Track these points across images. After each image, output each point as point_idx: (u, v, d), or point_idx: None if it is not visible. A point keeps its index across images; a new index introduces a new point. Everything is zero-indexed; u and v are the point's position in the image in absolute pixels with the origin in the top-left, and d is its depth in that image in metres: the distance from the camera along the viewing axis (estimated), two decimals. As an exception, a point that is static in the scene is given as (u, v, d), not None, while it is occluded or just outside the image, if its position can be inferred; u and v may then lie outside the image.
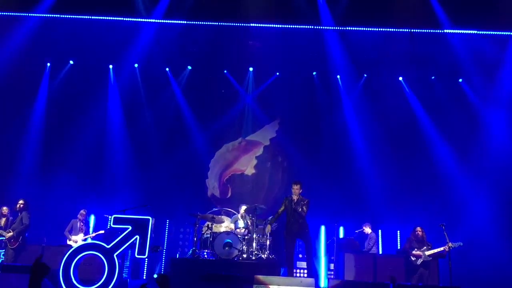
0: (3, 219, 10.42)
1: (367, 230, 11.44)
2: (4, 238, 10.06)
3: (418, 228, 10.15)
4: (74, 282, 8.23)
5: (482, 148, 12.78)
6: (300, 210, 9.10)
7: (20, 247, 10.06)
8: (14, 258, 9.90)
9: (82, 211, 11.06)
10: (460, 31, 12.49)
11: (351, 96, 13.83)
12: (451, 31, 12.45)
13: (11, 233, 10.03)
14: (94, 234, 10.99)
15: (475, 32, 12.46)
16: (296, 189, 9.27)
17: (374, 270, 10.14)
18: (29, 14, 12.71)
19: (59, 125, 13.42)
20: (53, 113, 13.49)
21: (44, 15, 12.66)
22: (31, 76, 13.50)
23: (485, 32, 12.45)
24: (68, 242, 10.67)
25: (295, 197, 9.24)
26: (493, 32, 12.46)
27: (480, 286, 10.60)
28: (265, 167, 14.10)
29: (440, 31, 12.52)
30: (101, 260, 8.39)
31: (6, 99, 13.06)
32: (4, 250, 10.15)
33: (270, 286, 8.12)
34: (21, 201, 10.39)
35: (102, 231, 11.01)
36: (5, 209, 10.54)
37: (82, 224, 10.95)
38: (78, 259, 8.39)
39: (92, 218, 12.22)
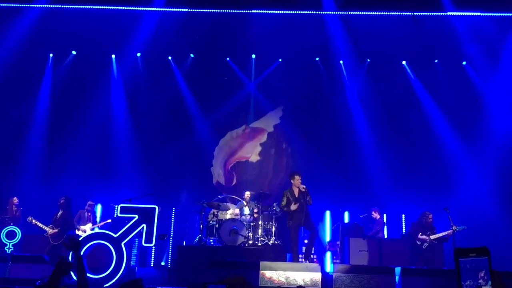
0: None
1: (376, 215, 11.46)
2: (46, 233, 10.07)
3: (430, 215, 10.13)
4: (83, 271, 8.35)
5: (486, 130, 12.73)
6: (308, 199, 9.17)
7: (61, 244, 10.06)
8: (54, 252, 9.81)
9: (89, 202, 11.15)
10: (463, 13, 12.39)
11: (355, 81, 13.79)
12: (454, 13, 12.35)
13: (55, 230, 10.05)
14: (102, 223, 11.10)
15: (479, 14, 12.36)
16: (298, 179, 9.31)
17: (379, 254, 10.22)
18: (31, 5, 12.68)
19: (63, 115, 13.46)
20: (57, 104, 13.51)
21: (45, 5, 12.64)
22: (34, 68, 13.51)
23: (488, 14, 12.35)
24: (77, 232, 10.77)
25: (298, 188, 9.27)
26: (497, 14, 12.35)
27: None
28: (269, 154, 14.13)
29: (443, 13, 12.42)
30: (109, 249, 8.50)
31: (10, 91, 13.10)
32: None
33: (276, 271, 8.22)
34: (62, 199, 10.40)
35: (110, 220, 11.13)
36: (15, 200, 10.70)
37: (89, 214, 11.06)
38: (87, 248, 8.51)
39: (99, 208, 12.33)
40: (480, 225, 10.95)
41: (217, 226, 10.49)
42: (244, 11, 12.77)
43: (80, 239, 8.65)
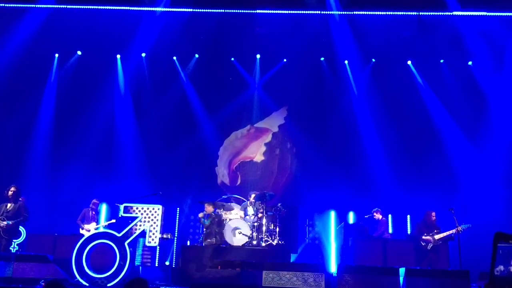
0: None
1: (378, 216, 11.41)
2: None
3: (433, 213, 10.06)
4: (87, 270, 8.35)
5: (492, 130, 12.67)
6: None
7: (15, 238, 9.77)
8: (6, 248, 9.26)
9: (94, 200, 11.17)
10: (469, 13, 12.32)
11: (359, 81, 13.75)
12: (460, 13, 12.29)
13: (6, 222, 9.17)
14: (106, 223, 11.09)
15: (484, 13, 12.29)
16: None
17: (384, 255, 10.17)
18: (36, 6, 12.75)
19: (68, 115, 13.49)
20: (62, 104, 13.56)
21: (51, 6, 12.71)
22: (39, 68, 13.56)
23: (494, 14, 12.27)
24: (81, 231, 10.79)
25: None
26: (503, 14, 12.28)
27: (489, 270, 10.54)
28: (274, 154, 14.10)
29: (449, 13, 12.37)
30: (112, 248, 8.49)
31: (16, 90, 13.15)
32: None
33: (280, 271, 8.20)
34: (13, 188, 9.39)
35: (114, 220, 11.12)
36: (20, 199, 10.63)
37: (93, 213, 11.06)
38: (90, 247, 8.50)
39: (104, 207, 12.35)
40: (486, 225, 10.88)
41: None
42: (248, 11, 12.78)
43: (84, 238, 8.63)
